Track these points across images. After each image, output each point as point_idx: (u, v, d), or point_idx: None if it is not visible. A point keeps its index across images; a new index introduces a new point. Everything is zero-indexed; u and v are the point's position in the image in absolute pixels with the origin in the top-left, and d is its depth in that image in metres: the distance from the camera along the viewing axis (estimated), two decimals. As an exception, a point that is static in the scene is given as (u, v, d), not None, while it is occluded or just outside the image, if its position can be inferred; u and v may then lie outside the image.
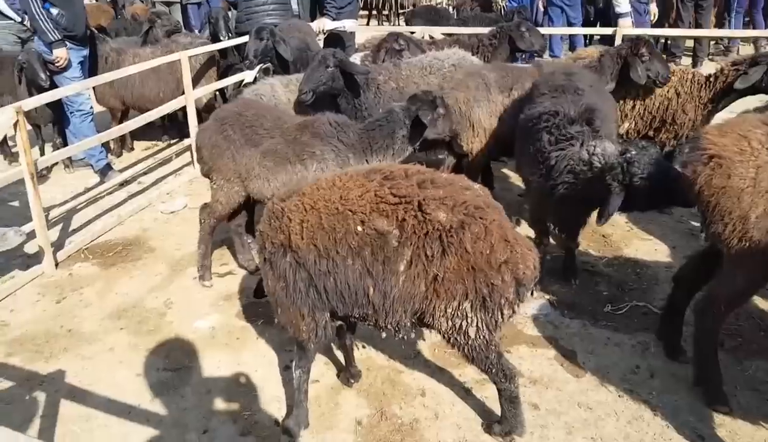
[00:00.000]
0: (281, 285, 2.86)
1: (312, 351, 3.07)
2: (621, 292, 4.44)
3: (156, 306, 4.40)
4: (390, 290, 2.66)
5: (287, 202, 2.84)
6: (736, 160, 2.84)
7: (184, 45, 7.15)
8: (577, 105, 3.90)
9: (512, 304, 2.70)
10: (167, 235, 5.53)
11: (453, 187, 2.70)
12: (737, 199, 2.83)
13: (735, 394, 3.36)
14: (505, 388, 2.93)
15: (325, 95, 4.69)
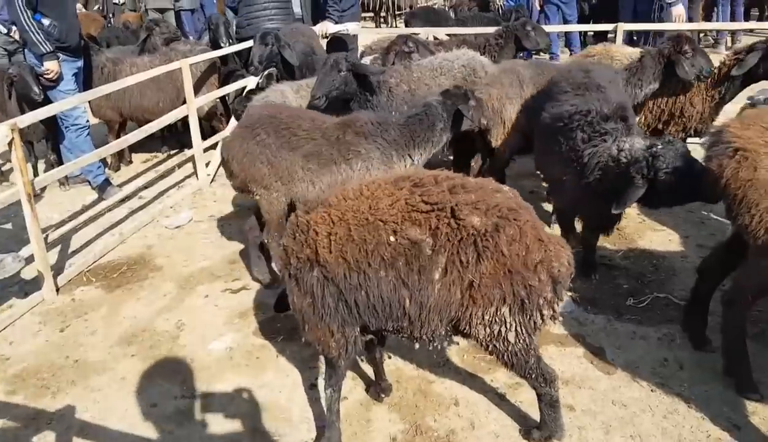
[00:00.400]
0: (308, 301, 2.78)
1: (343, 368, 3.00)
2: (641, 284, 4.40)
3: (167, 329, 4.27)
4: (426, 299, 2.60)
5: (312, 214, 2.76)
6: (762, 152, 2.85)
7: (184, 53, 7.04)
8: (609, 102, 3.89)
9: (551, 303, 2.65)
10: (173, 251, 5.41)
11: (484, 191, 2.65)
12: (765, 191, 2.84)
13: (763, 381, 3.34)
14: (545, 392, 2.88)
15: (338, 100, 4.62)
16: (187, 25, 12.13)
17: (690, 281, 4.33)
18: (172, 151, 8.15)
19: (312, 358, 3.82)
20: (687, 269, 4.55)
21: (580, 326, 3.97)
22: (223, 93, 7.35)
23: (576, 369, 3.60)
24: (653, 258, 4.73)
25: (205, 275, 4.94)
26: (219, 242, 5.53)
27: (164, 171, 7.36)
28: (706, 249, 4.75)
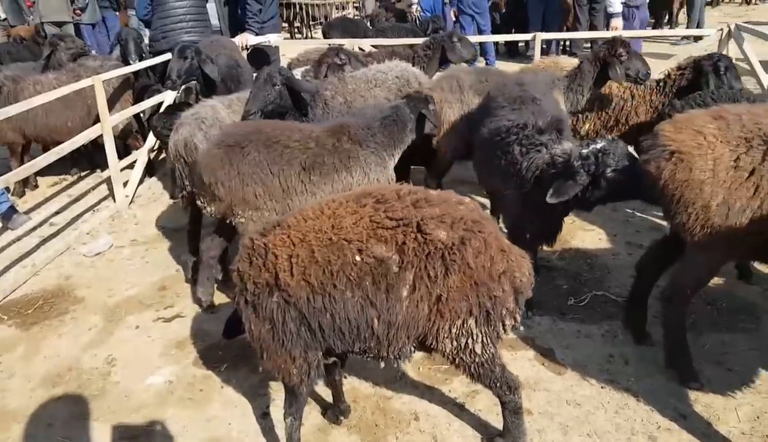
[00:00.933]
0: (267, 328, 2.65)
1: (304, 394, 2.88)
2: (578, 283, 4.54)
3: (96, 365, 3.95)
4: (395, 318, 2.54)
5: (270, 237, 2.64)
6: (696, 154, 3.00)
7: (94, 69, 6.59)
8: (544, 116, 3.96)
9: (512, 313, 2.66)
10: (95, 281, 5.03)
11: (448, 204, 2.64)
12: (699, 190, 3.00)
13: (701, 369, 3.51)
14: (510, 399, 2.88)
15: (273, 114, 4.46)
16: (88, 40, 11.50)
17: (623, 277, 4.57)
18: (83, 172, 7.62)
19: (261, 385, 3.64)
20: (619, 266, 4.74)
21: (528, 329, 4.03)
22: (138, 110, 6.98)
23: (529, 372, 3.64)
24: (587, 257, 4.89)
25: (134, 305, 4.62)
26: (145, 268, 5.20)
27: (77, 195, 6.86)
28: (635, 246, 5.01)
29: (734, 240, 3.02)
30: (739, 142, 2.96)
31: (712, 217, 3.01)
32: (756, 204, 2.92)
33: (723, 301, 4.17)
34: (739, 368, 3.57)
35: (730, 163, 2.95)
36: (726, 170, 2.95)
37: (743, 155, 2.93)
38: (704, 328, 3.89)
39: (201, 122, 4.43)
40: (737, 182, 2.94)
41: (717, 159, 2.97)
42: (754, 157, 2.91)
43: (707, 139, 3.01)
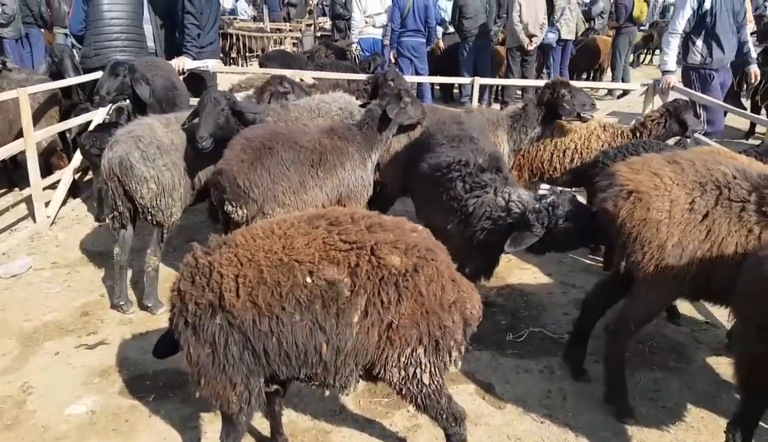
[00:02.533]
0: (207, 352, 2.50)
1: (243, 424, 2.72)
2: (516, 320, 4.61)
3: (11, 393, 3.63)
4: (344, 344, 2.46)
5: (215, 255, 2.51)
6: (653, 194, 3.13)
7: (19, 81, 6.24)
8: (482, 154, 4.08)
9: (459, 345, 2.64)
10: (11, 303, 4.66)
11: (402, 230, 2.61)
12: (656, 230, 3.11)
13: (636, 406, 3.59)
14: (455, 432, 2.83)
15: (221, 138, 4.34)
16: (11, 54, 10.98)
17: (557, 315, 4.69)
18: (0, 190, 7.13)
19: (192, 417, 3.44)
20: (554, 304, 4.86)
21: (468, 363, 4.02)
22: (65, 127, 6.64)
23: (470, 406, 3.61)
24: (524, 295, 4.99)
25: (53, 330, 4.30)
26: (67, 292, 4.87)
27: (-7, 214, 6.40)
28: (568, 285, 5.17)
29: (684, 280, 3.15)
30: (693, 186, 3.10)
31: (666, 257, 3.12)
32: (707, 246, 3.06)
33: (654, 340, 4.32)
34: (671, 405, 3.68)
35: (686, 206, 3.08)
36: (681, 212, 3.08)
37: (698, 198, 3.07)
38: (637, 366, 4.00)
39: (138, 140, 4.25)
40: (692, 224, 3.07)
41: (673, 201, 3.10)
42: (708, 201, 3.06)
43: (664, 181, 3.15)
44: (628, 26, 13.21)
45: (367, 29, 10.27)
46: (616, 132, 5.59)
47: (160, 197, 4.26)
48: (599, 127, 5.65)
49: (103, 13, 6.69)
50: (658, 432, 3.45)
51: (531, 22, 9.93)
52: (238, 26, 18.75)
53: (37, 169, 5.91)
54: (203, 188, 4.65)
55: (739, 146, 6.79)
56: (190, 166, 4.52)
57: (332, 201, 4.31)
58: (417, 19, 9.92)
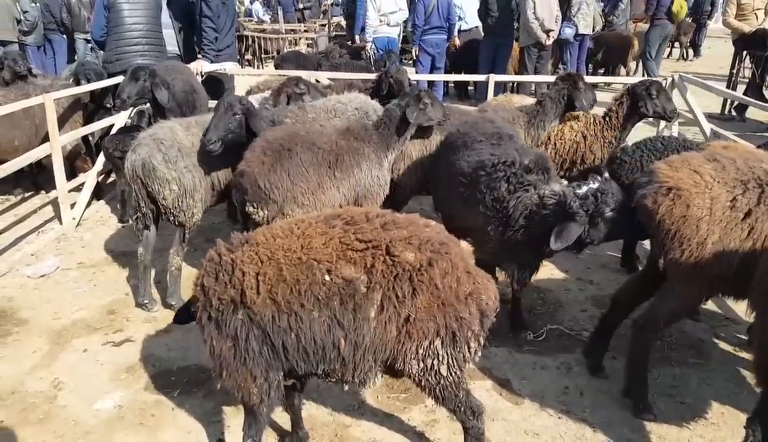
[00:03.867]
0: (229, 345, 2.58)
1: (264, 416, 2.80)
2: (533, 317, 4.62)
3: (42, 389, 3.75)
4: (362, 339, 2.52)
5: (238, 253, 2.59)
6: (694, 192, 3.11)
7: (44, 87, 6.40)
8: (528, 153, 3.96)
9: (477, 337, 2.68)
10: (40, 303, 4.79)
11: (416, 226, 2.67)
12: (696, 227, 3.09)
13: (654, 402, 3.60)
14: (473, 426, 2.88)
15: (232, 143, 4.43)
16: (34, 61, 11.25)
17: (574, 311, 4.70)
18: (26, 193, 7.31)
19: (215, 411, 3.53)
20: (570, 301, 4.87)
21: (485, 360, 4.06)
22: (88, 131, 6.80)
23: (487, 402, 3.63)
24: (540, 292, 5.00)
25: (81, 328, 4.43)
26: (93, 291, 5.00)
27: (21, 215, 6.55)
28: (585, 282, 5.17)
29: (722, 278, 3.13)
30: (735, 184, 3.09)
31: (706, 255, 3.10)
32: (749, 245, 3.04)
33: (672, 336, 4.31)
34: (690, 401, 3.68)
35: (727, 204, 3.07)
36: (722, 210, 3.06)
37: (740, 196, 3.06)
38: (656, 362, 3.98)
39: (160, 143, 4.36)
40: (733, 222, 3.05)
41: (714, 198, 3.08)
42: (750, 199, 3.04)
43: (704, 178, 3.13)
44: (662, 18, 13.00)
45: (381, 28, 10.29)
46: (589, 120, 5.65)
47: (182, 198, 4.36)
48: (572, 118, 5.70)
49: (123, 19, 6.83)
50: (677, 428, 3.46)
51: (546, 18, 9.86)
52: (253, 28, 18.87)
53: (62, 172, 6.06)
54: (223, 189, 4.74)
55: (761, 139, 6.72)
56: (211, 168, 4.61)
57: (349, 201, 4.37)
58: (440, 16, 10.00)
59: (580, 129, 5.62)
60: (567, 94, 5.31)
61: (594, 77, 12.06)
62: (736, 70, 11.02)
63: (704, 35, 19.18)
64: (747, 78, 10.76)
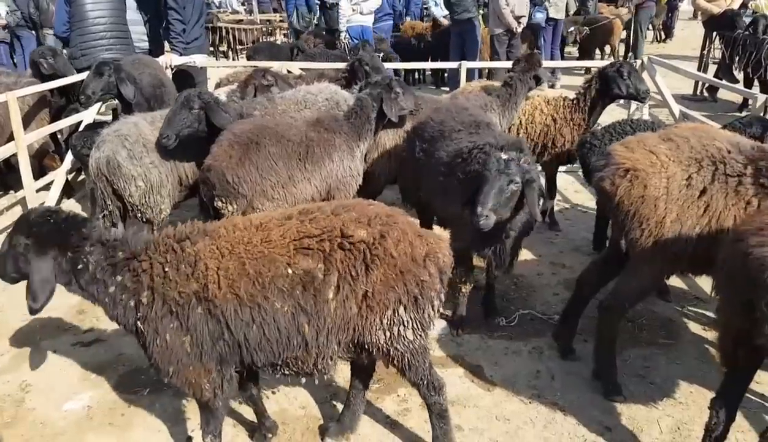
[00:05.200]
0: (184, 340, 2.56)
1: (221, 409, 2.83)
2: (506, 302, 4.66)
3: (9, 392, 3.71)
4: (323, 321, 2.57)
5: (199, 245, 2.58)
6: (650, 172, 3.17)
7: (8, 85, 6.26)
8: (503, 138, 3.94)
9: (439, 294, 2.75)
10: (7, 304, 4.70)
11: (361, 206, 2.76)
12: (654, 207, 3.15)
13: (624, 383, 3.65)
14: (435, 401, 2.92)
15: (189, 138, 4.37)
16: (3, 58, 11.04)
17: (548, 296, 4.73)
18: (-6, 194, 7.19)
19: (184, 409, 3.53)
20: (543, 286, 4.91)
21: (458, 347, 4.09)
22: (55, 129, 6.67)
23: (459, 389, 3.69)
24: (513, 277, 5.01)
25: (50, 329, 4.37)
26: (62, 290, 4.82)
27: (-13, 216, 6.44)
28: (558, 266, 5.21)
29: (683, 255, 3.19)
30: (690, 162, 3.14)
31: (665, 233, 3.16)
32: (705, 221, 3.10)
33: (643, 318, 4.37)
34: (659, 381, 3.74)
35: (683, 182, 3.12)
36: (679, 188, 3.12)
37: (695, 174, 3.11)
38: (626, 343, 4.05)
39: (124, 139, 4.30)
40: (689, 200, 3.11)
41: (670, 177, 3.14)
42: (705, 177, 3.10)
43: (660, 158, 3.19)
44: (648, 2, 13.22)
45: (354, 17, 10.23)
46: (559, 103, 5.71)
47: (149, 195, 4.32)
48: (543, 101, 5.77)
49: (86, 13, 6.70)
50: (646, 408, 3.51)
51: (517, 4, 9.87)
52: (227, 20, 18.65)
53: (29, 172, 5.95)
54: (192, 184, 4.69)
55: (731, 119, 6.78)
56: (178, 162, 4.55)
57: (321, 193, 4.34)
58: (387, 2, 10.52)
59: (550, 113, 5.66)
60: (534, 74, 5.37)
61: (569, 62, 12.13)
62: (707, 51, 11.13)
63: (676, 17, 19.32)
64: (718, 59, 10.85)
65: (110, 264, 2.58)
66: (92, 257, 2.58)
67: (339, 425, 3.26)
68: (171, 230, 2.70)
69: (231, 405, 3.47)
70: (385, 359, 2.78)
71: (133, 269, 2.58)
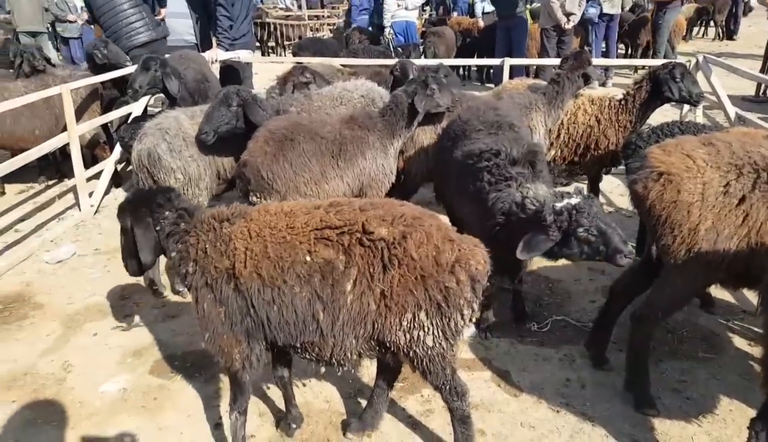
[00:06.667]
0: (218, 310, 2.74)
1: (247, 384, 2.94)
2: (539, 307, 4.57)
3: (52, 371, 3.89)
4: (339, 311, 2.61)
5: (235, 226, 2.75)
6: (685, 176, 3.02)
7: (63, 78, 6.54)
8: (519, 144, 3.85)
9: (471, 303, 2.67)
10: (56, 288, 4.95)
11: (390, 205, 2.76)
12: (687, 213, 3.00)
13: (659, 396, 3.53)
14: (457, 407, 2.88)
15: (227, 135, 4.47)
16: (78, 52, 11.56)
17: (583, 302, 4.62)
18: (50, 181, 7.53)
19: (215, 396, 3.62)
20: (580, 292, 4.79)
21: (486, 350, 4.04)
22: (106, 120, 6.93)
23: (484, 393, 3.64)
24: (549, 282, 4.93)
25: (93, 313, 4.56)
26: (107, 277, 5.12)
27: (42, 203, 6.75)
28: (596, 272, 5.07)
29: (718, 266, 3.03)
30: (729, 169, 2.98)
31: (699, 242, 3.01)
32: (743, 232, 2.94)
33: (684, 329, 4.21)
34: (697, 396, 3.59)
35: (720, 189, 2.97)
36: (715, 195, 2.97)
37: (733, 181, 2.95)
38: (664, 355, 3.92)
39: (165, 133, 4.44)
40: (726, 208, 2.95)
41: (706, 183, 2.99)
42: (745, 184, 2.93)
43: (697, 163, 3.04)
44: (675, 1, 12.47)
45: (399, 12, 10.24)
46: (604, 104, 5.50)
47: (187, 187, 4.44)
48: (587, 101, 5.57)
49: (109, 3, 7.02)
50: (681, 424, 3.37)
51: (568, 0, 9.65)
52: (275, 15, 18.89)
53: (80, 161, 6.21)
54: (229, 178, 4.78)
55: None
56: (216, 156, 4.65)
57: (354, 190, 4.36)
58: None
59: (594, 113, 5.49)
60: (583, 71, 5.21)
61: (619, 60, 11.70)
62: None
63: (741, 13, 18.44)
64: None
65: (174, 232, 2.87)
66: (166, 223, 2.88)
67: (361, 422, 3.27)
68: (217, 210, 2.90)
69: (258, 396, 3.56)
70: (407, 361, 2.78)
71: (186, 241, 2.83)
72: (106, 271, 5.22)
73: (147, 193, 2.99)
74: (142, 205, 2.90)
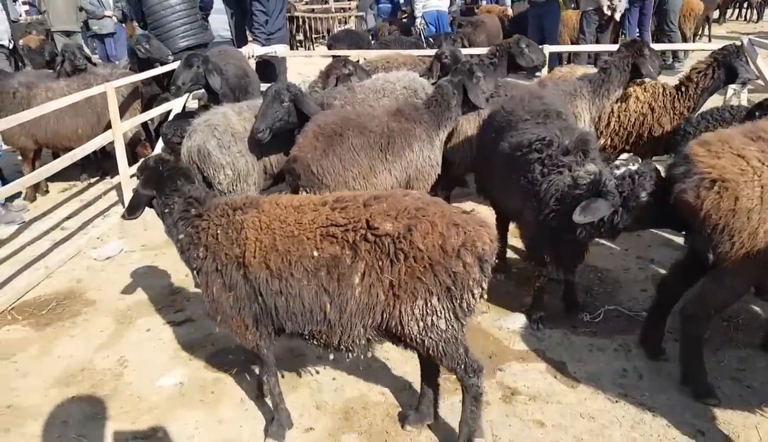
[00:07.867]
0: (227, 295, 2.88)
1: (267, 355, 3.11)
2: (590, 298, 4.51)
3: (109, 366, 3.95)
4: (346, 303, 2.67)
5: (247, 215, 2.85)
6: (741, 181, 2.84)
7: (104, 76, 6.64)
8: (570, 133, 3.75)
9: (479, 283, 2.71)
10: (106, 284, 5.03)
11: (393, 198, 2.79)
12: (747, 219, 2.84)
13: (718, 385, 3.46)
14: (473, 383, 2.89)
15: (281, 131, 4.50)
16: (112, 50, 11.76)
17: (634, 291, 4.55)
18: (92, 178, 7.66)
19: (271, 390, 3.62)
20: (630, 281, 4.72)
21: (539, 342, 4.00)
22: (148, 117, 7.02)
23: (541, 384, 3.61)
24: (598, 271, 4.86)
25: (145, 308, 4.62)
26: (155, 272, 5.19)
27: (87, 200, 6.88)
28: (646, 260, 5.00)
29: None
30: None
31: (758, 244, 2.86)
32: None
33: (740, 317, 4.12)
34: (758, 385, 3.51)
35: None
36: None
37: None
38: (721, 344, 3.84)
39: (214, 129, 4.47)
40: None
41: (765, 186, 2.81)
42: None
43: (751, 164, 2.85)
44: None
45: (430, 2, 10.18)
46: (657, 91, 5.35)
47: (236, 182, 4.48)
48: (639, 88, 5.42)
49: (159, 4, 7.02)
50: (743, 413, 3.31)
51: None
52: (303, 9, 18.92)
53: (124, 158, 6.30)
54: (276, 173, 4.81)
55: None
56: (263, 152, 4.68)
57: (401, 183, 4.35)
58: None
59: (646, 100, 5.35)
60: (632, 61, 5.08)
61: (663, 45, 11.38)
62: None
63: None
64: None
65: (184, 217, 3.00)
66: (176, 207, 3.03)
67: (418, 413, 3.27)
68: (231, 199, 3.00)
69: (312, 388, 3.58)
70: (421, 349, 2.81)
71: (197, 226, 2.96)
72: (154, 266, 5.29)
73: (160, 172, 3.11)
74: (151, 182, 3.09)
